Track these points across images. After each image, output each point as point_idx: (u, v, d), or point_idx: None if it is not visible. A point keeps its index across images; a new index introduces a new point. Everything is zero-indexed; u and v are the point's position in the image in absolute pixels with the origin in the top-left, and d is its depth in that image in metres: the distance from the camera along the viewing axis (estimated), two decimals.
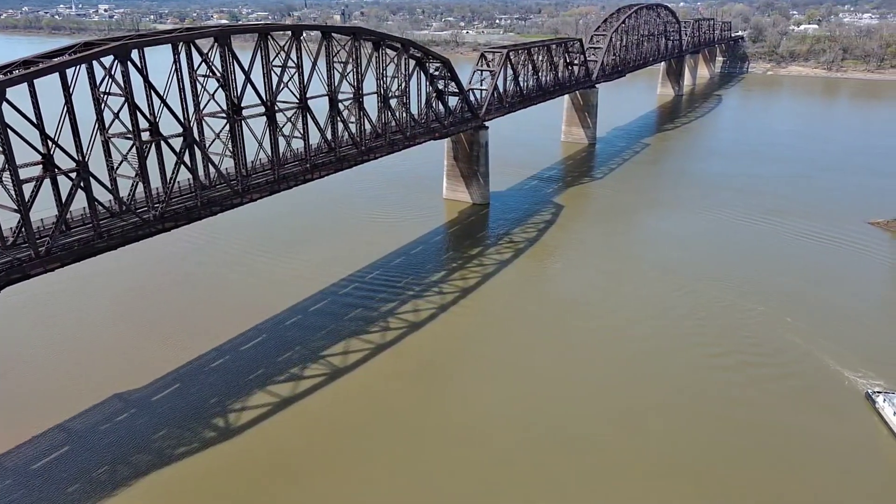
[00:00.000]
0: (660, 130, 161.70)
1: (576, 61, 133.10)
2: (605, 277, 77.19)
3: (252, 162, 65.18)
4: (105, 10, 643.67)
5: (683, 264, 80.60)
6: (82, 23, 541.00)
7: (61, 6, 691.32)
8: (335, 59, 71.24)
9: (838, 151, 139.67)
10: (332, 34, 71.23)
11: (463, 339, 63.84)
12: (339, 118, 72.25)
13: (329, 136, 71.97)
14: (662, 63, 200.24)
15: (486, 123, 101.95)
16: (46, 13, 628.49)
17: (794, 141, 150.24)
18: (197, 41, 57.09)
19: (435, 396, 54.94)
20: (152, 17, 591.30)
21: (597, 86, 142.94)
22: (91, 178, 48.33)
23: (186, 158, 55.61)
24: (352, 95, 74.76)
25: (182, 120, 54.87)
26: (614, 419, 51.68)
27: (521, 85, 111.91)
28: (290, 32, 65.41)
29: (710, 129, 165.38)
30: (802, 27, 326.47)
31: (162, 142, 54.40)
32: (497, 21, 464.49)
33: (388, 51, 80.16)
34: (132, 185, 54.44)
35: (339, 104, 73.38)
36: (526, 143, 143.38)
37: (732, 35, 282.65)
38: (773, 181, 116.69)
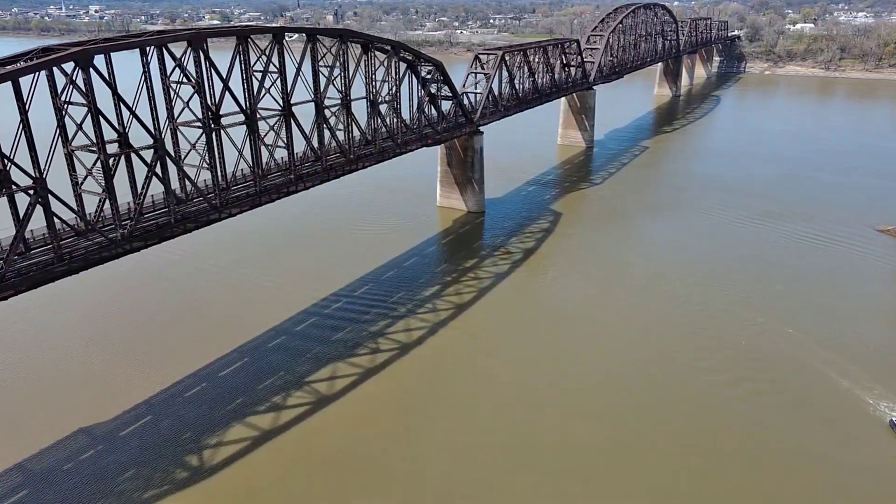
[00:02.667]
0: (658, 132, 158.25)
1: (572, 62, 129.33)
2: (601, 289, 73.46)
3: (232, 173, 61.08)
4: (96, 12, 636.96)
5: (681, 272, 77.44)
6: (72, 24, 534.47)
7: (51, 7, 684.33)
8: (321, 62, 67.35)
9: (839, 152, 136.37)
10: (318, 36, 67.30)
11: (456, 363, 59.78)
12: (325, 125, 68.32)
13: (315, 144, 68.14)
14: (660, 63, 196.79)
15: (481, 128, 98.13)
16: (36, 14, 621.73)
17: (793, 142, 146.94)
18: (169, 45, 53.16)
19: (426, 424, 50.98)
20: (143, 17, 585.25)
21: (594, 87, 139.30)
22: (51, 196, 44.29)
23: (161, 172, 51.74)
24: (339, 101, 71.00)
25: (153, 130, 50.84)
26: (611, 448, 47.87)
27: (517, 87, 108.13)
28: (271, 35, 61.33)
29: (709, 131, 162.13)
30: (799, 26, 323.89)
31: (132, 154, 50.62)
32: (491, 21, 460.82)
33: (378, 53, 76.30)
34: (99, 201, 50.42)
35: (326, 110, 69.63)
36: (522, 146, 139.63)
37: (729, 34, 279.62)
38: (773, 183, 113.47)
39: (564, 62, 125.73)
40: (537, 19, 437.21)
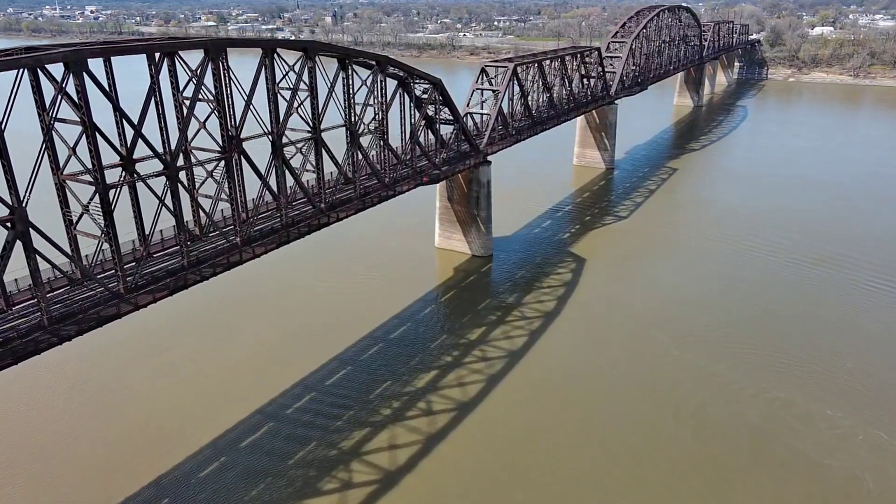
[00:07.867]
0: (683, 150, 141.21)
1: (593, 73, 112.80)
2: (632, 371, 56.56)
3: (146, 241, 44.38)
4: (91, 12, 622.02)
5: (726, 342, 62.23)
6: (64, 25, 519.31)
7: (47, 8, 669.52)
8: (280, 84, 51.10)
9: (887, 176, 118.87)
10: (277, 50, 50.96)
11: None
12: (284, 167, 51.92)
13: (275, 191, 51.76)
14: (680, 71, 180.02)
15: (489, 157, 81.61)
16: (30, 15, 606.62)
17: (831, 162, 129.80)
18: (48, 66, 36.90)
19: None
20: (138, 18, 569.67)
21: (616, 101, 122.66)
22: None
23: (26, 251, 35.51)
24: (308, 133, 54.77)
25: (10, 197, 34.48)
26: None
27: (531, 106, 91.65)
28: (202, 52, 44.92)
29: (737, 149, 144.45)
30: (818, 29, 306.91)
31: None
32: (495, 23, 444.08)
33: (362, 70, 60.11)
34: None
35: (292, 146, 53.43)
36: (532, 168, 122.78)
37: (749, 39, 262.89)
38: (820, 216, 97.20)
39: (584, 73, 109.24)
40: (543, 21, 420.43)
